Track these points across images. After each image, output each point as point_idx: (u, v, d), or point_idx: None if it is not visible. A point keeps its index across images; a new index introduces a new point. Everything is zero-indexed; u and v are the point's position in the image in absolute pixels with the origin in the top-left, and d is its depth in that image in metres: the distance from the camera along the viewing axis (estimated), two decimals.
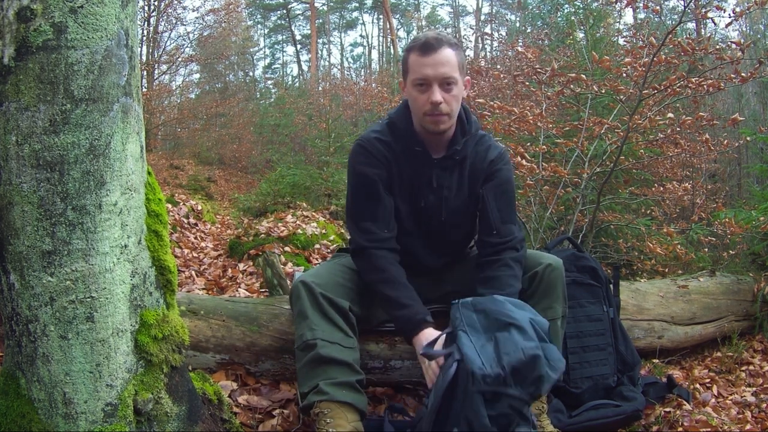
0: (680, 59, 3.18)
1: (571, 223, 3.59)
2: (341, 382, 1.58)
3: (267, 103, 16.78)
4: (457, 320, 1.47)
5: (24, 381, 1.21)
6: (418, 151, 1.79)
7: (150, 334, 1.29)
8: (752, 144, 5.61)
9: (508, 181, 1.87)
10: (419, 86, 1.69)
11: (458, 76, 1.70)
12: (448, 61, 1.66)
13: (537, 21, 11.69)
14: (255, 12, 25.13)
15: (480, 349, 1.35)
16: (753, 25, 10.73)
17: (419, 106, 1.72)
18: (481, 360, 1.32)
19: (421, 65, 1.67)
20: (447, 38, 1.69)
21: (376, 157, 1.78)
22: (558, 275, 1.78)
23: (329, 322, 1.64)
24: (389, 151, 1.79)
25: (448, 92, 1.69)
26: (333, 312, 1.65)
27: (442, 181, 1.81)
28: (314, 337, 1.60)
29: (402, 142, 1.80)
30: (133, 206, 1.24)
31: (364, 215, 1.78)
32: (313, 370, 1.59)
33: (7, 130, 1.10)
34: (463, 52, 1.74)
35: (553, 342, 1.74)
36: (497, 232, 1.80)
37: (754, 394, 2.25)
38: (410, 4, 24.89)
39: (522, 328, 1.38)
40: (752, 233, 3.51)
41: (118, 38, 1.15)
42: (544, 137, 3.66)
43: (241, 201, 7.69)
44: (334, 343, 1.61)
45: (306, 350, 1.61)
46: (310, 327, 1.62)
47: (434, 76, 1.66)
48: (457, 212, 1.85)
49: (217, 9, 14.82)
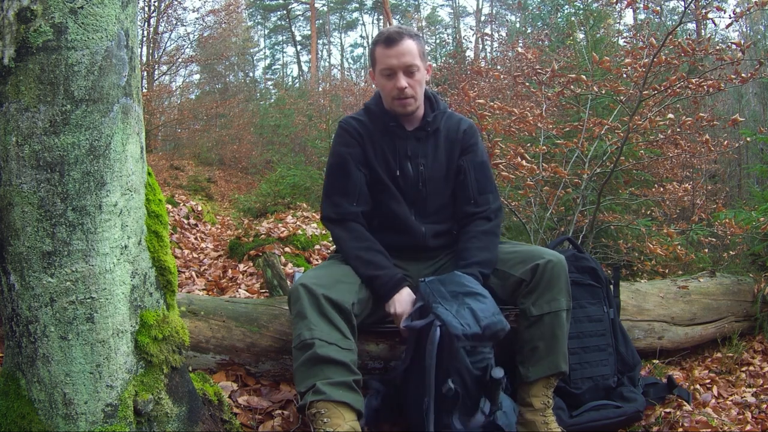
0: (680, 60, 3.18)
1: (572, 223, 3.59)
2: (338, 382, 1.58)
3: (267, 104, 16.76)
4: (429, 294, 1.73)
5: (24, 382, 1.21)
6: (393, 126, 1.97)
7: (150, 335, 1.29)
8: (752, 144, 5.62)
9: (483, 152, 2.07)
10: (386, 75, 1.90)
11: (419, 63, 1.90)
12: (409, 51, 1.87)
13: (537, 22, 11.71)
14: (255, 12, 25.15)
15: (456, 314, 1.63)
16: (753, 25, 10.74)
17: (388, 92, 1.92)
18: (459, 322, 1.61)
19: (386, 56, 1.88)
20: (407, 30, 1.90)
21: (351, 135, 1.98)
22: (560, 269, 1.78)
23: (328, 323, 1.64)
24: (364, 129, 1.98)
25: (411, 77, 1.89)
26: (333, 312, 1.65)
27: (417, 150, 1.98)
28: (312, 336, 1.61)
29: (378, 121, 1.99)
30: (133, 207, 1.24)
31: (335, 189, 1.96)
32: (310, 370, 1.60)
33: (7, 130, 1.10)
34: (423, 41, 1.95)
35: (557, 334, 1.77)
36: (474, 202, 1.99)
37: (755, 395, 2.24)
38: (410, 5, 24.91)
39: (483, 296, 1.70)
40: (752, 234, 3.51)
41: (118, 39, 1.15)
42: (545, 138, 3.66)
43: (242, 202, 7.68)
44: (332, 343, 1.61)
45: (303, 349, 1.61)
46: (308, 327, 1.62)
47: (398, 65, 1.87)
48: (433, 179, 1.99)
49: (217, 9, 14.83)
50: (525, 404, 1.79)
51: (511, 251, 1.91)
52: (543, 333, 1.77)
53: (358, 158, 1.96)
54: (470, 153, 2.02)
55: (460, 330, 1.58)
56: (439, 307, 1.66)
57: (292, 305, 1.72)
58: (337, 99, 12.89)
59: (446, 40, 19.92)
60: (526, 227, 3.64)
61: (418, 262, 2.00)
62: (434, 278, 1.80)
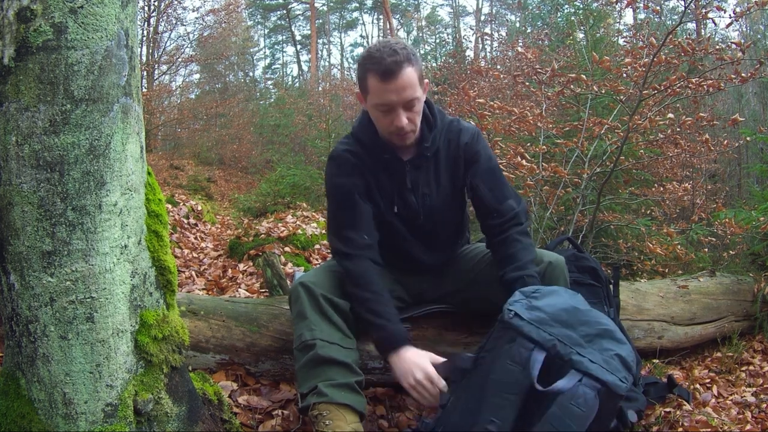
0: (680, 59, 3.18)
1: (571, 223, 3.59)
2: (340, 383, 1.57)
3: (267, 104, 16.77)
4: (550, 341, 1.34)
5: (24, 381, 1.21)
6: (387, 158, 1.79)
7: (150, 335, 1.29)
8: (752, 144, 5.62)
9: (490, 158, 1.86)
10: (383, 111, 1.67)
11: (420, 92, 1.67)
12: (410, 84, 1.62)
13: (537, 21, 11.71)
14: (255, 12, 25.15)
15: (607, 366, 1.29)
16: (753, 25, 10.74)
17: (384, 127, 1.71)
18: (618, 378, 1.28)
19: (383, 91, 1.62)
20: (404, 54, 1.61)
21: (348, 168, 1.78)
22: (560, 272, 1.78)
23: (329, 323, 1.64)
24: (359, 161, 1.78)
25: (411, 110, 1.67)
26: (333, 313, 1.65)
27: (417, 180, 1.81)
28: (313, 337, 1.60)
29: (370, 152, 1.79)
30: (133, 206, 1.24)
31: (344, 224, 1.76)
32: (312, 371, 1.59)
33: (7, 130, 1.10)
34: (419, 59, 1.68)
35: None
36: (497, 213, 1.80)
37: (754, 395, 2.24)
38: (410, 5, 24.90)
39: (617, 331, 1.38)
40: (752, 233, 3.52)
41: (118, 38, 1.15)
42: (544, 137, 3.67)
43: (241, 201, 7.68)
44: (333, 343, 1.61)
45: (305, 350, 1.61)
46: (309, 327, 1.62)
47: (398, 102, 1.63)
48: (441, 208, 1.85)
49: (217, 9, 14.84)
50: None
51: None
52: None
53: (361, 189, 1.78)
54: (476, 164, 1.82)
55: (623, 388, 1.27)
56: (584, 360, 1.29)
57: (292, 305, 1.72)
58: (337, 99, 12.90)
59: (446, 40, 19.91)
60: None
61: (420, 275, 1.97)
62: (546, 317, 1.40)
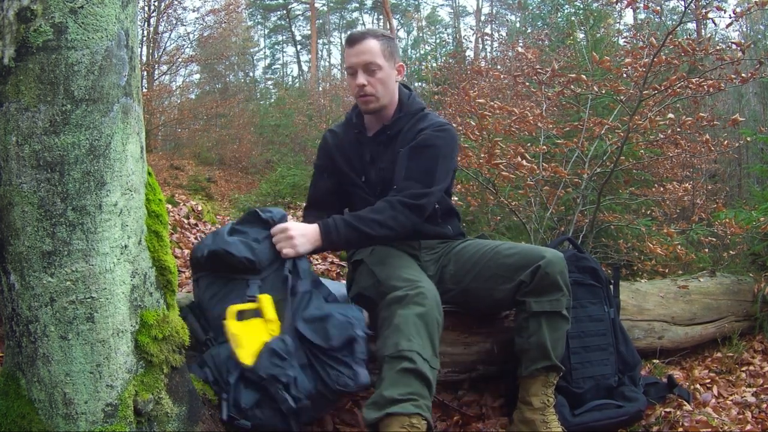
0: (680, 60, 3.18)
1: (572, 223, 3.59)
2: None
3: (267, 104, 16.77)
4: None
5: (24, 381, 1.21)
6: (356, 133, 2.04)
7: (150, 335, 1.28)
8: (752, 144, 5.62)
9: (430, 145, 1.90)
10: (350, 74, 1.95)
11: (381, 62, 1.90)
12: (369, 50, 1.89)
13: (537, 21, 11.71)
14: (255, 12, 25.13)
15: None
16: (753, 25, 10.73)
17: (352, 91, 1.97)
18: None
19: (348, 55, 1.93)
20: (373, 32, 1.95)
21: (322, 148, 2.12)
22: (558, 269, 1.76)
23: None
24: (335, 140, 2.09)
25: (372, 76, 1.91)
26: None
27: (376, 155, 2.00)
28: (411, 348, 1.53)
29: (349, 129, 2.07)
30: (133, 207, 1.24)
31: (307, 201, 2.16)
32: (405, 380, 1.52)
33: (8, 130, 1.10)
34: (391, 41, 1.96)
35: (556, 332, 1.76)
36: (396, 188, 1.86)
37: (755, 395, 2.24)
38: (410, 5, 24.88)
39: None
40: (752, 233, 3.52)
41: (118, 39, 1.15)
42: (545, 138, 3.67)
43: (242, 201, 7.70)
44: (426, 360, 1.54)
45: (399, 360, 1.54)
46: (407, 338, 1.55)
47: (357, 63, 1.90)
48: (391, 182, 1.92)
49: (217, 9, 14.81)
50: (525, 402, 1.79)
51: (509, 253, 1.84)
52: (541, 328, 1.76)
53: (324, 169, 2.10)
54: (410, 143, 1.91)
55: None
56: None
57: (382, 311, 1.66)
58: (337, 99, 12.89)
59: (446, 40, 19.90)
60: (526, 227, 3.64)
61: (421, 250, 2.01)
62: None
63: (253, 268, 1.63)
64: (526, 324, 1.79)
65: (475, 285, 1.89)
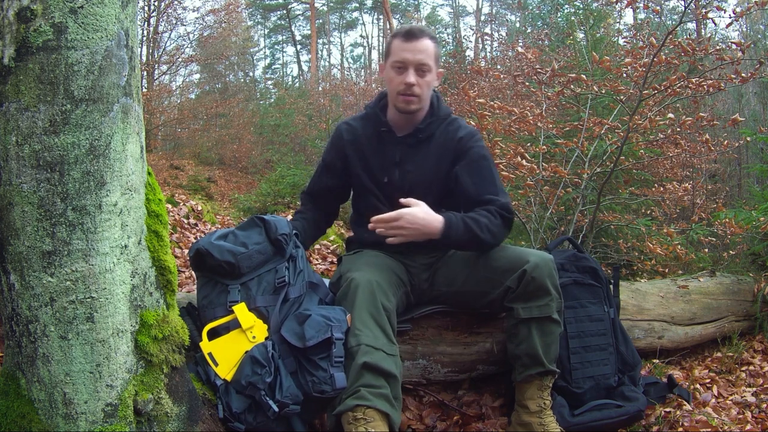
0: (680, 59, 3.18)
1: (572, 223, 3.59)
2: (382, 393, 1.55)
3: (267, 104, 16.76)
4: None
5: (24, 381, 1.21)
6: (384, 131, 1.96)
7: (150, 335, 1.29)
8: (752, 144, 5.62)
9: (482, 157, 1.93)
10: (397, 68, 1.87)
11: (433, 64, 1.87)
12: (426, 49, 1.85)
13: (537, 21, 11.71)
14: (255, 12, 25.13)
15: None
16: (753, 25, 10.74)
17: (394, 86, 1.88)
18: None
19: (402, 50, 1.86)
20: (429, 32, 1.89)
21: (336, 142, 2.04)
22: (545, 272, 1.73)
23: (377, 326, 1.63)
24: (353, 135, 2.00)
25: (421, 77, 1.86)
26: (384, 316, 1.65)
27: (406, 157, 1.95)
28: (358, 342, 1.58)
29: (370, 126, 1.99)
30: (133, 206, 1.24)
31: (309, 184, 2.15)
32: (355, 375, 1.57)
33: (7, 130, 1.10)
34: (439, 47, 1.94)
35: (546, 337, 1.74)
36: (477, 202, 1.86)
37: (755, 395, 2.24)
38: (410, 5, 24.88)
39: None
40: (752, 233, 3.51)
41: (118, 39, 1.15)
42: (545, 137, 3.66)
43: (241, 201, 7.69)
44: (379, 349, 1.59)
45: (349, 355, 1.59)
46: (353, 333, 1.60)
47: (411, 61, 1.84)
48: (419, 186, 1.93)
49: (217, 9, 14.82)
50: (521, 405, 1.79)
51: (497, 256, 1.83)
52: (531, 335, 1.74)
53: (330, 167, 2.06)
54: (464, 159, 1.91)
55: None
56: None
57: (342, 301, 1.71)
58: (337, 99, 12.89)
59: (446, 40, 19.89)
60: (526, 227, 3.64)
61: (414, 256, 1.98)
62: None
63: (232, 272, 1.62)
64: (515, 330, 1.78)
65: (467, 288, 1.88)
